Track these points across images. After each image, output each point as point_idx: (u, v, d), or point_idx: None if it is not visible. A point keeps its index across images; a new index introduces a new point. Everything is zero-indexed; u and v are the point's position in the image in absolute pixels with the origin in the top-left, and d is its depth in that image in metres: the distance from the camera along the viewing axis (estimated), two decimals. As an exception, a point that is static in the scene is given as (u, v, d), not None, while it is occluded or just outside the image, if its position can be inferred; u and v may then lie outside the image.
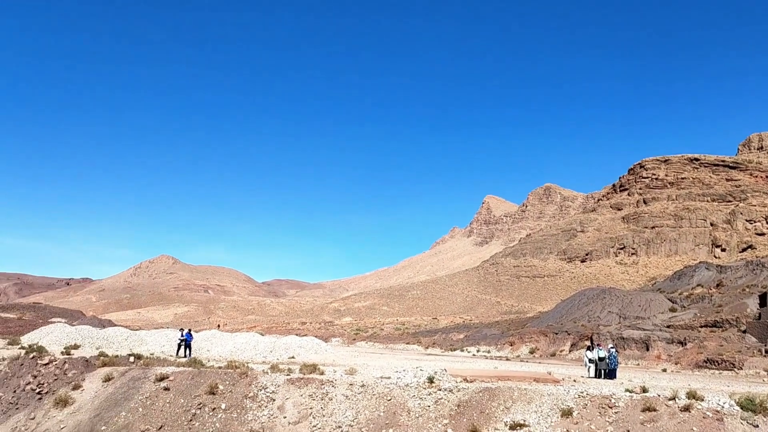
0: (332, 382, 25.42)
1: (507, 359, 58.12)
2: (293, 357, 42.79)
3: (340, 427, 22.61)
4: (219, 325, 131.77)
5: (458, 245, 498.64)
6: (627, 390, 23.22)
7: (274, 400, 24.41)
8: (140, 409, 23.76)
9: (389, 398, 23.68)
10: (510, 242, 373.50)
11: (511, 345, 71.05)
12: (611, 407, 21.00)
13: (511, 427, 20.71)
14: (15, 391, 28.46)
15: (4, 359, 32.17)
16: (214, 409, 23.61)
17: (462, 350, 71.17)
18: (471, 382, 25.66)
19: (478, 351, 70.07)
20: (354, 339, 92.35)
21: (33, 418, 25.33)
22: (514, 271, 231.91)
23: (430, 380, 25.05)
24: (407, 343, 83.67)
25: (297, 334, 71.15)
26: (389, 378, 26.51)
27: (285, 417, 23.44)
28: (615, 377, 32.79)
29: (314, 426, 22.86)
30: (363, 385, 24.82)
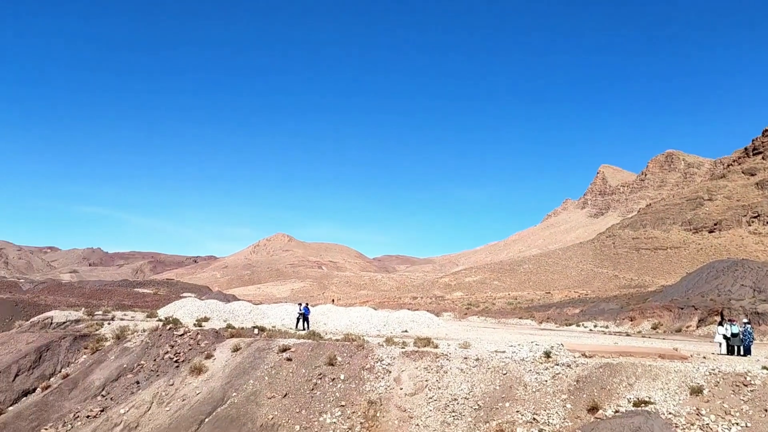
0: (446, 355, 25.59)
1: (627, 335, 55.64)
2: (406, 331, 43.45)
3: (455, 399, 22.76)
4: (333, 300, 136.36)
5: (571, 217, 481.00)
6: (764, 367, 21.54)
7: (390, 372, 24.98)
8: (266, 378, 25.19)
9: (505, 372, 23.50)
10: (628, 213, 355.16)
11: (632, 320, 67.85)
12: (746, 385, 19.59)
13: (635, 404, 19.88)
14: (155, 359, 31.08)
15: (144, 330, 35.21)
16: (333, 379, 24.56)
17: (578, 325, 68.95)
18: (590, 357, 24.86)
19: (595, 326, 67.63)
20: (465, 313, 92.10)
21: (172, 384, 27.57)
22: (633, 243, 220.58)
23: (547, 355, 24.55)
24: (520, 318, 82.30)
25: (409, 309, 72.10)
26: (504, 352, 26.28)
27: (401, 388, 23.94)
28: (750, 354, 30.47)
29: (430, 398, 23.17)
30: (478, 359, 24.79)
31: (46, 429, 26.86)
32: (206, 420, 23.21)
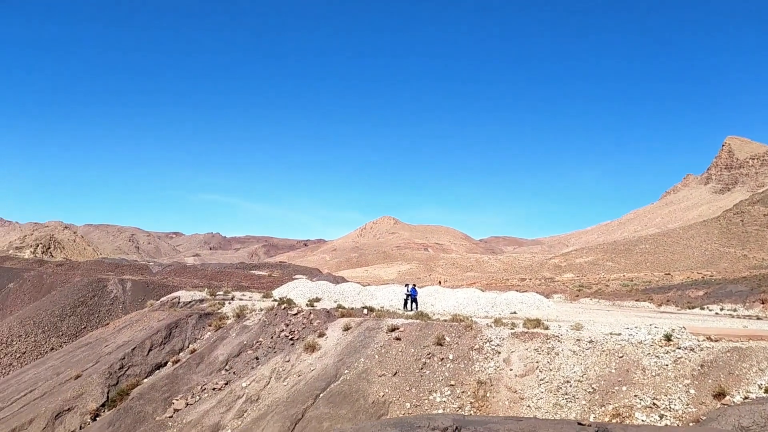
0: (558, 337, 24.94)
1: (758, 318, 51.52)
2: (515, 312, 42.76)
3: (568, 381, 22.17)
4: (440, 282, 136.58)
5: (693, 194, 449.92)
6: None
7: (499, 352, 24.74)
8: (376, 356, 25.77)
9: (621, 355, 22.55)
10: (758, 188, 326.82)
11: (763, 303, 62.74)
12: None
13: (767, 390, 18.44)
14: (272, 337, 32.68)
15: (261, 310, 37.08)
16: (442, 359, 24.69)
17: (702, 308, 64.71)
18: (716, 341, 23.28)
19: (721, 309, 63.16)
20: (577, 295, 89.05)
21: (288, 361, 28.89)
22: (765, 221, 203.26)
23: (667, 338, 23.27)
24: (636, 300, 78.41)
25: (517, 290, 70.85)
26: (619, 335, 25.22)
27: (511, 369, 23.65)
28: None
29: (541, 379, 22.72)
30: (591, 341, 23.96)
31: (177, 399, 29.04)
32: (321, 395, 24.14)
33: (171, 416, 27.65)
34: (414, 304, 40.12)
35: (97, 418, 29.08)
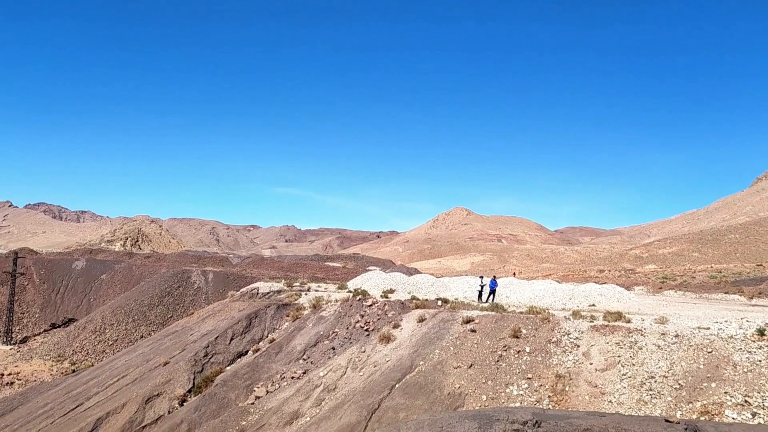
0: (641, 330, 24.03)
1: None
2: (593, 305, 41.50)
3: (652, 377, 21.33)
4: (515, 273, 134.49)
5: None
6: None
7: (578, 346, 24.10)
8: (451, 348, 25.69)
9: (710, 350, 21.47)
10: None
11: None
12: None
13: None
14: (348, 328, 33.20)
15: (337, 301, 37.72)
16: (519, 351, 24.31)
17: (798, 301, 60.66)
18: (816, 337, 21.75)
19: (820, 303, 58.99)
20: (660, 288, 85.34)
21: (364, 351, 29.27)
22: None
23: (761, 332, 21.96)
24: (726, 293, 74.35)
25: (595, 282, 68.72)
26: (708, 329, 24.01)
27: (591, 363, 23.00)
28: None
29: (623, 374, 21.97)
30: (677, 335, 22.94)
31: (258, 387, 30.03)
32: (396, 386, 24.32)
33: (252, 403, 28.63)
34: (492, 296, 39.65)
35: (185, 403, 30.49)
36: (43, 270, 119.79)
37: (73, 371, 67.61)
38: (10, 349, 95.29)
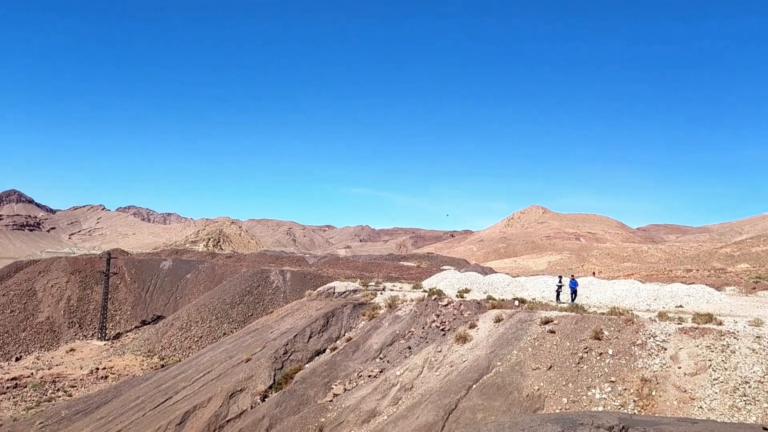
0: (734, 333, 22.74)
1: None
2: (680, 306, 39.61)
3: (747, 382, 20.15)
4: (594, 273, 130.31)
5: None
6: None
7: (665, 349, 23.09)
8: (529, 349, 25.21)
9: (812, 355, 20.06)
10: None
11: None
12: None
13: None
14: (423, 327, 33.20)
15: (412, 300, 37.79)
16: (601, 354, 23.55)
17: None
18: None
19: None
20: (753, 288, 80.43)
21: (440, 351, 29.19)
22: None
23: None
24: (827, 294, 69.27)
25: (682, 282, 65.55)
26: (810, 332, 22.43)
27: (679, 367, 21.97)
28: None
29: (715, 379, 20.86)
30: (775, 339, 21.56)
31: (335, 385, 30.53)
32: (473, 386, 24.11)
33: (331, 400, 29.14)
34: (573, 296, 38.60)
35: (266, 399, 31.41)
36: (133, 270, 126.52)
37: (162, 366, 71.05)
38: (104, 344, 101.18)
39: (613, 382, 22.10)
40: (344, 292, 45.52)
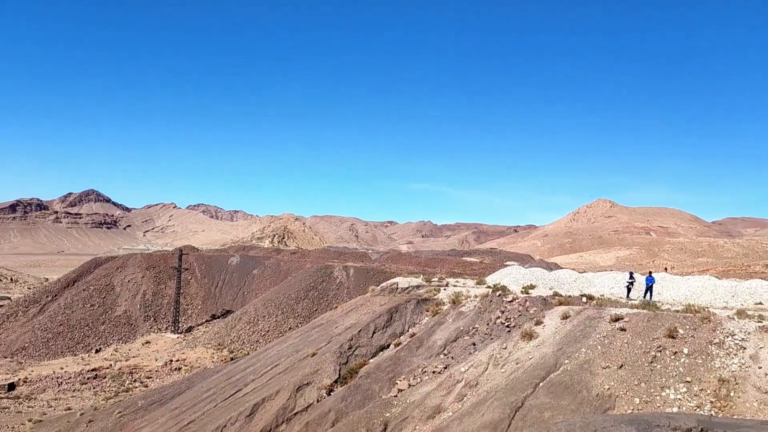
0: (821, 333, 21.44)
1: None
2: (760, 303, 37.63)
3: (838, 386, 18.96)
4: (666, 268, 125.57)
5: None
6: None
7: (744, 348, 22.00)
8: (599, 347, 24.54)
9: None
10: None
11: None
12: None
13: None
14: (488, 324, 32.87)
15: (476, 296, 37.47)
16: (675, 353, 22.67)
17: None
18: None
19: None
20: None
21: (505, 348, 28.83)
22: None
23: None
24: None
25: (762, 278, 62.27)
26: None
27: (760, 368, 20.89)
28: None
29: (801, 381, 19.73)
30: None
31: (400, 380, 30.67)
32: (540, 384, 23.69)
33: (395, 396, 29.30)
34: (648, 294, 37.27)
35: (331, 393, 31.89)
36: (203, 265, 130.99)
37: (232, 359, 73.29)
38: (177, 337, 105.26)
39: (688, 382, 21.24)
40: (407, 288, 45.59)
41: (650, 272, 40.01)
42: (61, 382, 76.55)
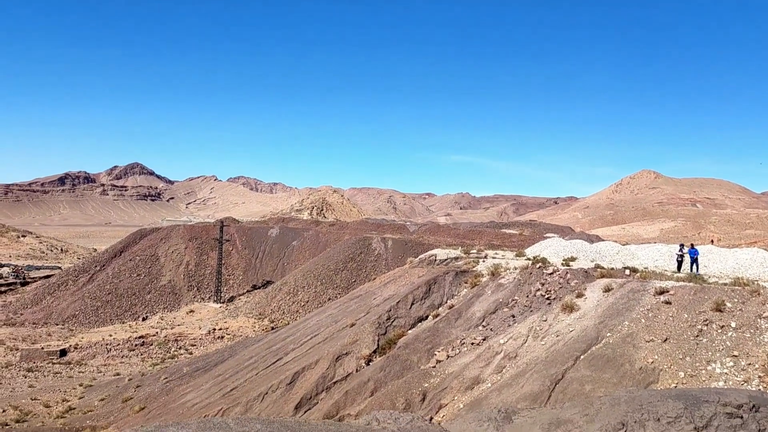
0: None
1: None
2: (814, 276, 36.25)
3: None
4: (713, 240, 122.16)
5: None
6: None
7: (798, 323, 21.23)
8: (642, 320, 24.04)
9: None
10: None
11: None
12: None
13: None
14: (527, 296, 32.55)
15: (515, 268, 37.08)
16: (722, 327, 22.04)
17: None
18: None
19: None
20: None
21: (545, 320, 28.54)
22: None
23: None
24: None
25: (816, 251, 59.87)
26: None
27: (814, 343, 20.16)
28: None
29: None
30: None
31: (438, 351, 30.74)
32: (581, 357, 23.41)
33: (434, 366, 29.40)
34: (694, 266, 36.24)
35: (370, 363, 32.20)
36: (244, 237, 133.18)
37: (272, 329, 74.77)
38: (220, 307, 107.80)
39: (735, 356, 20.66)
40: (446, 260, 45.42)
41: (692, 244, 38.86)
42: (110, 349, 79.47)
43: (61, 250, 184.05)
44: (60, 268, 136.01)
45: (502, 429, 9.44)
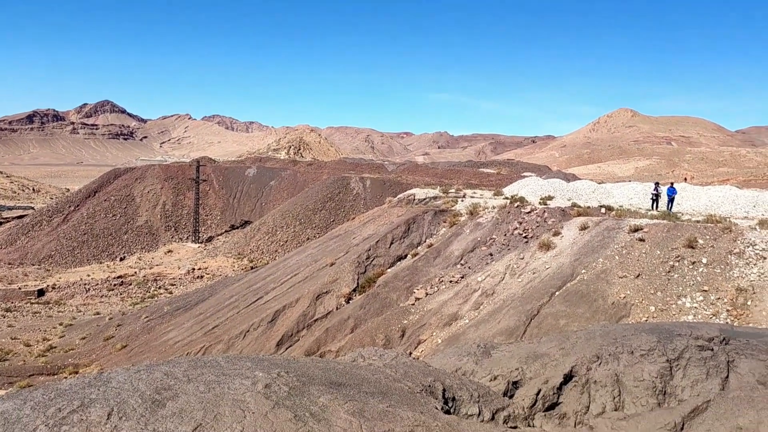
0: None
1: None
2: (783, 213, 37.17)
3: None
4: (686, 178, 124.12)
5: None
6: None
7: (765, 258, 21.90)
8: (616, 257, 24.59)
9: None
10: None
11: None
12: None
13: None
14: (505, 234, 32.99)
15: (494, 207, 37.42)
16: (693, 262, 22.66)
17: None
18: None
19: None
20: None
21: (522, 258, 29.05)
22: None
23: None
24: None
25: (785, 189, 61.27)
26: None
27: (780, 278, 20.87)
28: None
29: (820, 291, 19.72)
30: None
31: (417, 289, 31.26)
32: (556, 293, 23.99)
33: (413, 303, 29.96)
34: (670, 205, 36.80)
35: (350, 301, 32.70)
36: (221, 177, 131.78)
37: (252, 268, 75.08)
38: (198, 246, 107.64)
39: (705, 291, 21.35)
40: (424, 199, 45.59)
41: (671, 183, 39.41)
42: (89, 289, 79.41)
43: (33, 189, 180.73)
44: (33, 208, 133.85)
45: (481, 363, 9.71)
